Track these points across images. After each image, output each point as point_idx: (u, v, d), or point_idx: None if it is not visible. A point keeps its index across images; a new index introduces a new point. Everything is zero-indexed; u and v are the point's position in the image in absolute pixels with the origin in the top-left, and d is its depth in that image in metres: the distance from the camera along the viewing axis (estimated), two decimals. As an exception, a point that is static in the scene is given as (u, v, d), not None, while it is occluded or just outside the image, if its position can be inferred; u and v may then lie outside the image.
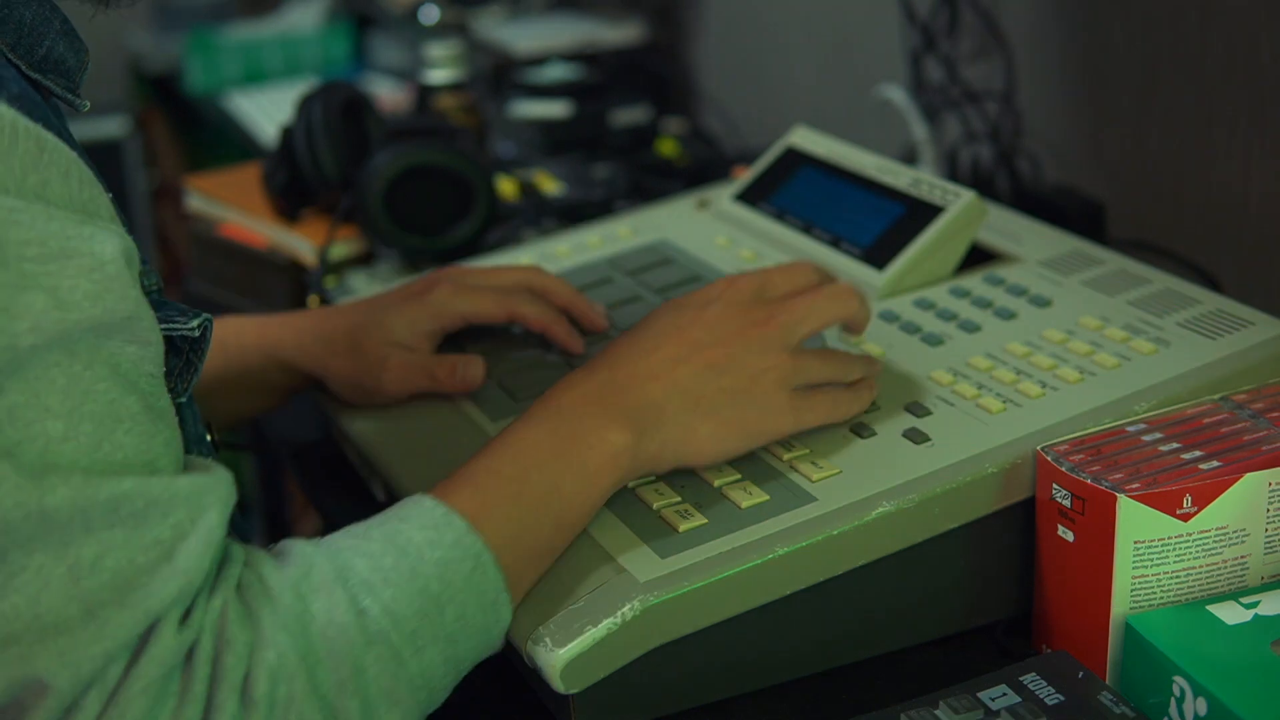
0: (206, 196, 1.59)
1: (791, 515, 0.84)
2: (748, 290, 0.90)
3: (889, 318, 1.03)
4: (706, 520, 0.84)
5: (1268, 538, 0.81)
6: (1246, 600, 0.79)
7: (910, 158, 1.57)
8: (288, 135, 1.46)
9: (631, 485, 0.88)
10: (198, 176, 1.67)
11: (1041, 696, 0.74)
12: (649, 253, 1.21)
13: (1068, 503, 0.81)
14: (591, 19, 2.14)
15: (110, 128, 2.69)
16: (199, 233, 1.59)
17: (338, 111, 1.43)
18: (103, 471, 0.67)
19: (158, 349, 0.72)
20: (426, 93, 1.70)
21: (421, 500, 0.79)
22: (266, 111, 2.14)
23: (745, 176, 1.26)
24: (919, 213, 1.08)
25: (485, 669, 0.80)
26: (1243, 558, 0.81)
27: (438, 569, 0.76)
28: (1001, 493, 0.86)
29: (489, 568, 0.77)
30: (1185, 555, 0.80)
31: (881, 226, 1.09)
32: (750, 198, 1.22)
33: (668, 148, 1.74)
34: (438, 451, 0.99)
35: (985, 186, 1.45)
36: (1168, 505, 0.79)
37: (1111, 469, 0.81)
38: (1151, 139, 1.34)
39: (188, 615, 0.69)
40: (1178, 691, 0.75)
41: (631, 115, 1.80)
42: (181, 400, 0.79)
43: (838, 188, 1.16)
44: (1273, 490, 0.80)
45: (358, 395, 1.06)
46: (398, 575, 0.75)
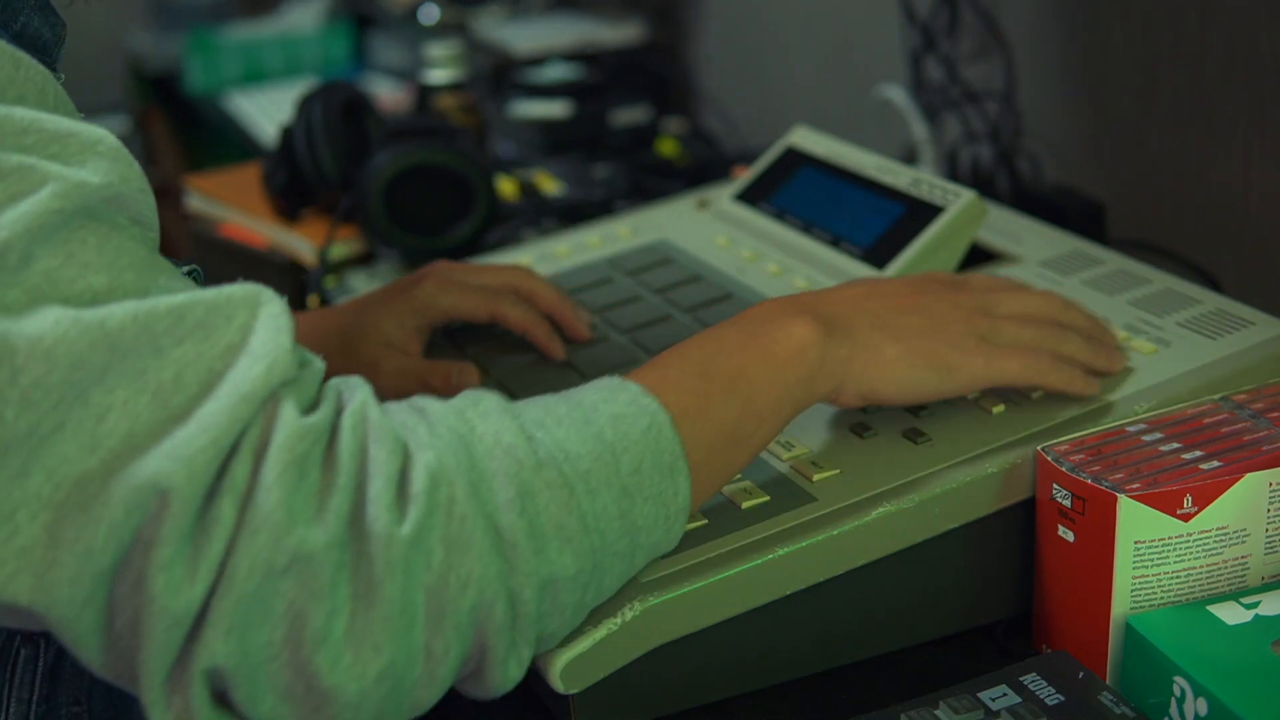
0: (206, 196, 1.59)
1: (791, 515, 0.83)
2: (945, 277, 0.92)
3: (889, 318, 1.03)
4: (706, 520, 0.84)
5: (1268, 538, 0.81)
6: (1247, 600, 0.79)
7: (910, 158, 1.57)
8: (288, 135, 1.46)
9: None
10: (198, 176, 1.67)
11: (1042, 697, 0.74)
12: (649, 253, 1.21)
13: (1068, 503, 0.81)
14: (591, 19, 2.14)
15: (110, 128, 2.66)
16: (199, 233, 1.59)
17: (338, 111, 1.43)
18: (156, 294, 0.67)
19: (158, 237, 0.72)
20: (426, 93, 1.70)
21: (599, 378, 0.78)
22: (266, 111, 2.14)
23: (745, 176, 1.26)
24: (919, 213, 1.08)
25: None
26: (1243, 558, 0.81)
27: (612, 420, 0.74)
28: (1001, 493, 0.86)
29: (664, 427, 0.75)
30: (1185, 555, 0.80)
31: (882, 226, 1.09)
32: (750, 198, 1.22)
33: (668, 148, 1.74)
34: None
35: (985, 186, 1.45)
36: (1168, 505, 0.79)
37: (1112, 469, 0.81)
38: (1151, 139, 1.34)
39: (314, 408, 0.68)
40: (1178, 692, 0.75)
41: (631, 115, 1.80)
42: None
43: (838, 188, 1.16)
44: (1273, 490, 0.80)
45: None
46: (571, 420, 0.73)
